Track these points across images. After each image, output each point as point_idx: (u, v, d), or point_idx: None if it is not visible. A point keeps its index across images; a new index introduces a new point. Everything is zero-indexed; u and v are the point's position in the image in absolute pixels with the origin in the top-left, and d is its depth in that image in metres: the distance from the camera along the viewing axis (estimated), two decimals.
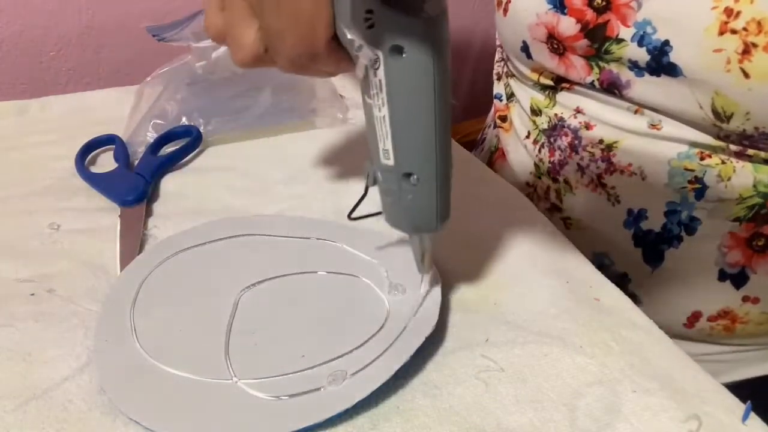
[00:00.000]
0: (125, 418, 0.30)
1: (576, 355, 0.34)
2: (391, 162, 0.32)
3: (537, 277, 0.39)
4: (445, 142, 0.31)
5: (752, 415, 0.31)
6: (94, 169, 0.51)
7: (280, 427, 0.29)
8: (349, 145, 0.55)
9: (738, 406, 0.31)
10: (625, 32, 0.48)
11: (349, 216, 0.36)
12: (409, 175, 0.32)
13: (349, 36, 0.28)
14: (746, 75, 0.43)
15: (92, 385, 0.32)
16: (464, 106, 1.10)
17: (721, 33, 0.42)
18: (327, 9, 0.28)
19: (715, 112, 0.46)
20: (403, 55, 0.28)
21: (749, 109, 0.44)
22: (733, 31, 0.42)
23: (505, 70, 0.65)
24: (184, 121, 0.55)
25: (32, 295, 0.38)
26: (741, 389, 0.33)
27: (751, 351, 0.58)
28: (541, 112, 0.59)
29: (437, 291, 0.36)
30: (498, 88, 0.68)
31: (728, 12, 0.42)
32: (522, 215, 0.46)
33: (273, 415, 0.30)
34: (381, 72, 0.29)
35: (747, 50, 0.42)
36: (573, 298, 0.38)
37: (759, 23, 0.41)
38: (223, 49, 0.56)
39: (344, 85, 0.65)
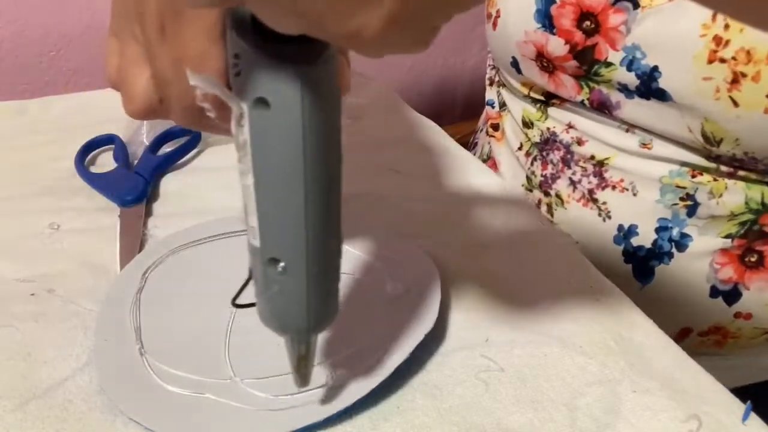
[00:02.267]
0: (125, 418, 0.30)
1: (576, 355, 0.34)
2: (257, 242, 0.25)
3: (537, 277, 0.39)
4: (323, 224, 0.24)
5: (752, 415, 0.31)
6: (93, 169, 0.51)
7: (279, 426, 0.29)
8: (348, 146, 0.54)
9: (738, 406, 0.31)
10: (614, 56, 0.47)
11: (233, 302, 0.29)
12: (275, 261, 0.25)
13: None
14: (735, 104, 0.43)
15: (92, 385, 0.32)
16: (464, 106, 1.11)
17: (710, 61, 0.42)
18: (216, 56, 0.23)
19: (704, 136, 0.46)
20: (269, 109, 0.22)
21: (738, 136, 0.44)
22: (722, 60, 0.42)
23: (497, 78, 0.64)
24: None
25: (32, 295, 0.38)
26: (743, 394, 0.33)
27: (742, 358, 0.57)
28: (533, 124, 0.58)
29: (437, 290, 0.36)
30: (490, 93, 0.66)
31: (717, 40, 0.42)
32: (522, 215, 0.46)
33: (273, 414, 0.30)
34: (246, 130, 0.22)
35: (736, 79, 0.42)
36: (573, 298, 0.38)
37: (748, 52, 0.41)
38: None
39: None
